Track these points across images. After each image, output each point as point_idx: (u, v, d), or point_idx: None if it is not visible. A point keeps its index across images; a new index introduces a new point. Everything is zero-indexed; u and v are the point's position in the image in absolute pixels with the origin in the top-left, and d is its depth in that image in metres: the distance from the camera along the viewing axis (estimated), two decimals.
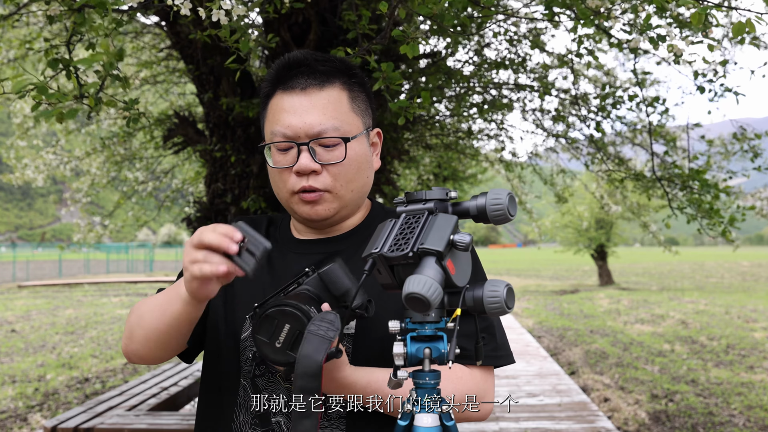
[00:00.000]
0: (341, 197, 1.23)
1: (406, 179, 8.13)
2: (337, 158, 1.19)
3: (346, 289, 1.08)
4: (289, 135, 1.19)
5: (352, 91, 1.24)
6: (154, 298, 1.25)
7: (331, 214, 1.24)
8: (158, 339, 1.21)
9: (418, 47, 1.80)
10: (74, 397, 6.89)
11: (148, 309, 1.23)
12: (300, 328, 0.98)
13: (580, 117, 5.06)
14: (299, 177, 1.20)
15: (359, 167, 1.23)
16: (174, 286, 1.20)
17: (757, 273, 31.36)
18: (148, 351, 1.24)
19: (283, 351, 0.98)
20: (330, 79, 1.22)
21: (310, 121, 1.18)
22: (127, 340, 1.27)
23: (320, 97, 1.20)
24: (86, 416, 4.22)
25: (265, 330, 0.99)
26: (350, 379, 1.10)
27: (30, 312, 14.94)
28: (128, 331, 1.27)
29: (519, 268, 40.26)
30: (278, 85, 1.23)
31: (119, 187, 7.22)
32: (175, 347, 1.25)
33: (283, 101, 1.21)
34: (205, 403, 1.31)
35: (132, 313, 1.28)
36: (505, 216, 0.97)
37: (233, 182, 3.84)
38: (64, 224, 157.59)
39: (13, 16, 2.75)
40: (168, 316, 1.17)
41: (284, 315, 0.99)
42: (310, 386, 0.92)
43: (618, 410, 6.17)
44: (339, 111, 1.20)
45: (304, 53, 1.24)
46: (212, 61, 3.71)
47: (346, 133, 1.20)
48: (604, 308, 15.19)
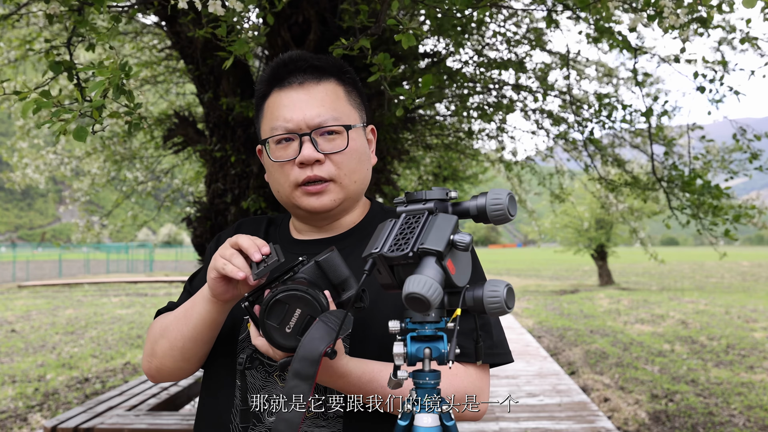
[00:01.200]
0: (345, 187, 1.24)
1: (406, 179, 8.13)
2: (339, 147, 1.21)
3: (345, 277, 1.08)
4: (290, 128, 1.21)
5: (346, 86, 1.28)
6: (174, 311, 1.27)
7: (335, 204, 1.24)
8: (183, 347, 1.22)
9: (413, 37, 1.79)
10: (74, 397, 6.89)
11: (172, 318, 1.25)
12: (311, 313, 0.98)
13: (577, 121, 5.06)
14: (302, 168, 1.21)
15: (360, 158, 1.25)
16: (194, 297, 1.22)
17: (757, 273, 31.36)
18: (173, 362, 1.24)
19: (293, 336, 0.98)
20: (325, 74, 1.25)
21: (310, 114, 1.20)
22: (149, 356, 1.27)
23: (318, 90, 1.23)
24: (86, 416, 4.22)
25: (275, 315, 0.98)
26: (345, 368, 1.09)
27: (30, 312, 14.94)
28: (149, 347, 1.27)
29: (519, 268, 40.26)
30: (274, 84, 1.25)
31: (119, 186, 7.23)
32: (199, 356, 1.25)
33: (281, 98, 1.23)
34: (203, 403, 1.31)
35: (152, 330, 1.28)
36: (505, 216, 0.97)
37: (233, 182, 3.84)
38: (64, 224, 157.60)
39: (12, 16, 2.75)
40: (193, 319, 1.19)
41: (296, 299, 0.98)
42: (306, 372, 0.91)
43: (618, 410, 6.17)
44: (337, 103, 1.23)
45: (297, 54, 1.27)
46: (212, 61, 3.71)
47: (345, 123, 1.23)
48: (604, 308, 15.19)
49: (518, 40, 4.86)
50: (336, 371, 1.09)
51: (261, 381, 1.21)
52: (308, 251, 1.28)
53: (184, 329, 1.21)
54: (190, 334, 1.21)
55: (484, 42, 4.91)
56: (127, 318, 13.56)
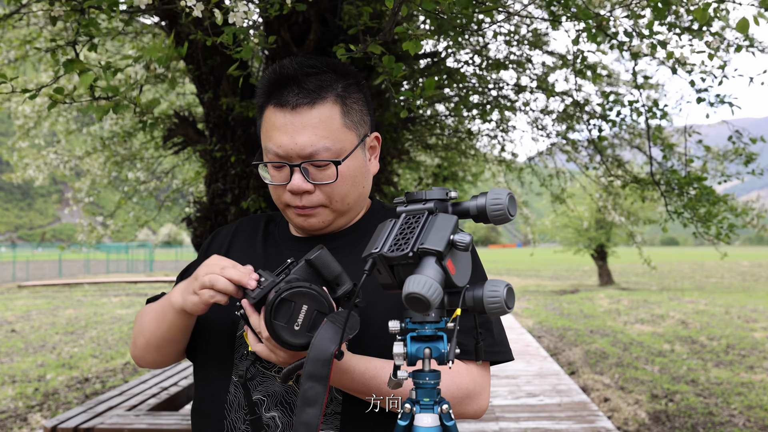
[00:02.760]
0: (336, 210, 1.24)
1: (406, 179, 8.13)
2: (329, 178, 1.20)
3: (338, 273, 1.09)
4: (281, 155, 1.19)
5: (345, 103, 1.22)
6: (153, 306, 1.31)
7: (325, 225, 1.26)
8: (158, 345, 1.29)
9: (420, 44, 1.79)
10: (74, 397, 6.89)
11: (147, 318, 1.30)
12: (318, 308, 0.98)
13: (581, 120, 5.06)
14: (293, 195, 1.22)
15: (353, 181, 1.23)
16: (167, 297, 1.24)
17: (757, 273, 31.36)
18: (150, 356, 1.32)
19: (303, 333, 0.98)
20: (321, 94, 1.19)
21: (302, 142, 1.17)
22: (132, 345, 1.35)
23: (311, 116, 1.18)
24: (86, 416, 4.22)
25: (282, 315, 0.99)
26: (348, 364, 1.10)
27: (30, 312, 14.93)
28: (133, 336, 1.35)
29: (519, 268, 40.25)
30: (270, 98, 1.21)
31: (120, 187, 7.23)
32: (174, 354, 1.32)
33: (275, 118, 1.20)
34: (198, 400, 1.32)
35: (137, 320, 1.35)
36: (505, 216, 0.97)
37: (233, 182, 3.84)
38: (64, 224, 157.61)
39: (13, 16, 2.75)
40: (165, 325, 1.24)
41: (301, 296, 0.99)
42: (319, 372, 0.91)
43: (618, 410, 6.17)
44: (330, 129, 1.19)
45: (294, 65, 1.21)
46: (212, 61, 3.71)
47: (338, 151, 1.19)
48: (604, 308, 15.19)
49: (518, 40, 4.86)
50: (339, 367, 1.09)
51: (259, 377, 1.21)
52: (307, 248, 1.28)
53: (158, 332, 1.26)
54: (162, 335, 1.26)
55: (484, 42, 4.90)
56: (127, 318, 13.56)
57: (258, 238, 1.35)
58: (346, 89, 1.23)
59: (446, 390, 1.11)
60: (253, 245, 1.34)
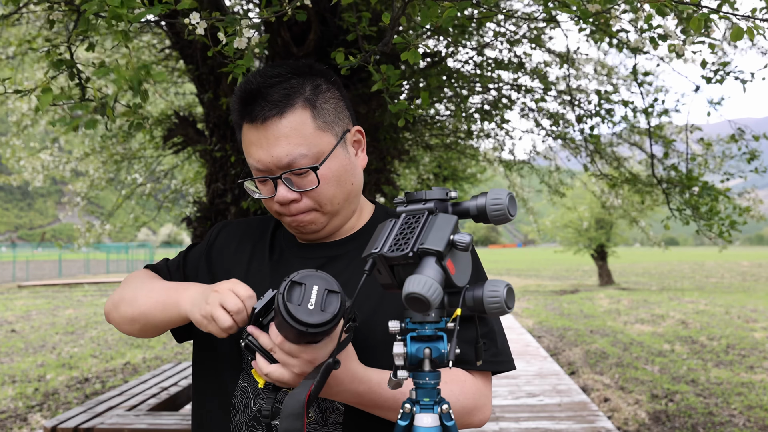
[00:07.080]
0: (328, 212, 1.24)
1: (406, 179, 8.13)
2: (311, 184, 1.20)
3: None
4: (262, 169, 1.20)
5: (315, 105, 1.21)
6: (154, 287, 1.27)
7: (320, 228, 1.26)
8: (144, 326, 1.27)
9: (419, 54, 1.80)
10: (74, 397, 6.89)
11: (144, 295, 1.27)
12: (327, 287, 1.00)
13: (577, 117, 5.06)
14: (282, 206, 1.22)
15: (338, 181, 1.23)
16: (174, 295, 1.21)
17: (757, 273, 31.36)
18: (131, 329, 1.30)
19: (317, 311, 0.99)
20: (289, 102, 1.18)
21: (278, 154, 1.18)
22: (113, 308, 1.31)
23: (282, 126, 1.18)
24: (86, 416, 4.22)
25: (295, 297, 1.00)
26: (361, 372, 1.10)
27: (30, 312, 14.94)
28: (117, 299, 1.30)
29: (519, 268, 40.26)
30: (243, 116, 1.22)
31: (119, 187, 7.22)
32: (156, 335, 1.32)
33: (250, 134, 1.21)
34: (200, 404, 1.31)
35: (127, 285, 1.32)
36: (505, 216, 0.97)
37: (233, 182, 3.83)
38: (64, 224, 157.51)
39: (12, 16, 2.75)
40: (164, 316, 1.23)
41: (311, 277, 1.01)
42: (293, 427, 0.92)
43: (618, 410, 6.17)
44: (304, 135, 1.18)
45: (258, 78, 1.21)
46: (212, 62, 3.71)
47: (316, 155, 1.19)
48: (604, 308, 15.19)
49: (518, 40, 4.86)
50: (355, 376, 1.09)
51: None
52: (312, 255, 1.29)
53: (153, 320, 1.24)
54: (156, 324, 1.25)
55: (484, 42, 4.90)
56: None
57: (266, 243, 1.35)
58: (315, 91, 1.22)
59: (456, 401, 1.12)
60: (262, 250, 1.34)
